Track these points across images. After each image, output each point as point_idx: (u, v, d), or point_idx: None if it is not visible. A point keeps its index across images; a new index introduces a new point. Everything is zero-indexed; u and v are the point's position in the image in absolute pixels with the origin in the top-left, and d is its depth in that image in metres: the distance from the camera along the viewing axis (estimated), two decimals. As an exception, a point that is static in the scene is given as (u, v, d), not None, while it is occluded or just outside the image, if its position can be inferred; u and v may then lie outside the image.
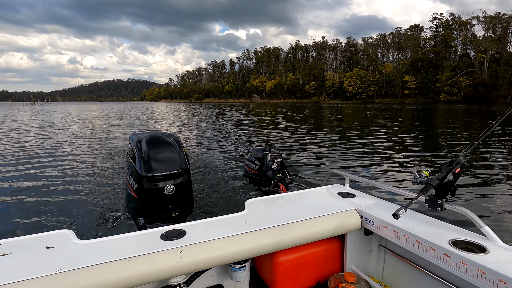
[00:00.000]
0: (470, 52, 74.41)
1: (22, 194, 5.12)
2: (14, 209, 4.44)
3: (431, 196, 1.36)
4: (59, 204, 4.60)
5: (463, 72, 65.51)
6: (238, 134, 13.84)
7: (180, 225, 1.41)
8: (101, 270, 1.06)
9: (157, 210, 2.18)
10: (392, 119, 22.38)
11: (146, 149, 2.23)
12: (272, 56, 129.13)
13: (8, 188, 5.47)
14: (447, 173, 1.35)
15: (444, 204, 1.33)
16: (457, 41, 78.70)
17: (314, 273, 1.71)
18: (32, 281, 0.98)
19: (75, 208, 4.38)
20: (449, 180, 1.34)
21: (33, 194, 5.11)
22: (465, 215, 1.25)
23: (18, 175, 6.37)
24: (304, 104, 70.07)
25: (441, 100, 65.32)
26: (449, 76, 66.41)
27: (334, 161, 7.75)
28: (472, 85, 61.26)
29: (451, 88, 64.85)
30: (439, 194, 1.34)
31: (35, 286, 0.97)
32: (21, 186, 5.57)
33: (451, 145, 10.16)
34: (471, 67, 66.95)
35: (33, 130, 16.80)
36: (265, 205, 1.71)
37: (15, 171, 6.78)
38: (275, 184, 3.06)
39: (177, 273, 1.18)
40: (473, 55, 71.80)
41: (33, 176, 6.26)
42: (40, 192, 5.23)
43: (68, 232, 1.33)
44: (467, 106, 45.51)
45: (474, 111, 33.44)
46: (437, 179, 1.34)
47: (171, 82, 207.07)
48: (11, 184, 5.72)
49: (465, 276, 1.10)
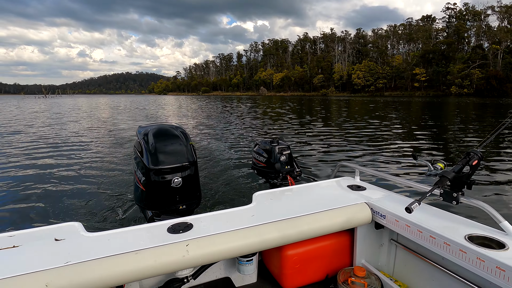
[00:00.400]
0: (484, 43, 72.27)
1: (33, 186, 5.22)
2: (25, 201, 4.54)
3: (446, 189, 1.31)
4: (68, 196, 4.68)
5: (476, 64, 63.82)
6: (246, 127, 13.78)
7: (187, 218, 1.42)
8: (109, 263, 1.08)
9: (164, 203, 2.19)
10: (403, 112, 21.92)
11: (153, 142, 2.22)
12: (280, 48, 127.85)
13: (20, 180, 5.60)
14: (463, 165, 1.29)
15: (460, 197, 1.27)
16: (471, 32, 76.46)
17: (323, 267, 1.69)
18: (41, 273, 1.00)
19: (84, 201, 4.45)
20: (465, 172, 1.28)
21: (43, 186, 5.21)
22: (482, 209, 1.20)
23: (30, 167, 6.53)
24: (312, 97, 69.45)
25: (452, 93, 63.97)
26: (461, 68, 64.79)
27: (344, 153, 7.63)
28: (485, 78, 59.65)
29: (462, 81, 63.36)
30: (455, 187, 1.28)
31: (44, 278, 0.99)
32: (32, 178, 5.71)
33: (465, 138, 9.86)
34: (484, 59, 65.13)
35: (47, 122, 17.28)
36: (273, 198, 1.69)
37: (28, 163, 6.95)
38: (283, 177, 3.00)
39: (183, 266, 1.18)
40: (487, 47, 69.74)
41: (44, 168, 6.40)
42: (50, 184, 5.33)
43: (76, 224, 1.35)
44: (479, 99, 44.37)
45: (487, 104, 32.23)
46: (453, 171, 1.28)
47: (178, 75, 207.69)
48: (23, 176, 5.86)
49: (482, 273, 1.06)
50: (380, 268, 1.70)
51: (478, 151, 1.32)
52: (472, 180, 1.27)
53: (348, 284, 1.48)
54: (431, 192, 1.30)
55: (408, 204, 1.22)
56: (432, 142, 9.16)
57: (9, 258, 1.08)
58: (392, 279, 1.59)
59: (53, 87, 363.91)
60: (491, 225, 1.26)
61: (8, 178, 5.72)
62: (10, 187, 5.20)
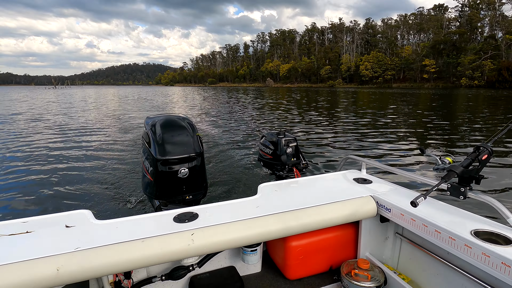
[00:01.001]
0: (498, 33, 70.20)
1: (45, 175, 5.40)
2: (38, 189, 4.71)
3: (454, 184, 1.29)
4: (79, 185, 4.83)
5: (488, 55, 62.23)
6: (252, 119, 13.80)
7: (193, 208, 1.44)
8: (116, 250, 1.12)
9: (171, 193, 2.22)
10: (411, 104, 21.63)
11: (161, 133, 2.24)
12: (287, 39, 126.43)
13: (33, 169, 5.78)
14: (472, 160, 1.27)
15: (467, 192, 1.25)
16: (484, 22, 74.26)
17: (327, 258, 1.71)
18: (52, 257, 1.05)
19: (94, 189, 4.59)
20: (474, 167, 1.27)
21: (56, 175, 5.37)
22: (490, 204, 1.19)
23: (44, 157, 6.72)
24: (319, 89, 68.71)
25: (462, 85, 62.73)
26: (472, 59, 63.29)
27: (351, 146, 7.60)
28: (497, 69, 58.28)
29: (473, 72, 61.99)
30: (463, 182, 1.26)
31: (55, 262, 1.04)
32: (45, 167, 5.91)
33: (474, 132, 9.68)
34: (496, 50, 63.44)
35: (59, 112, 17.83)
36: (278, 190, 1.70)
37: (42, 153, 7.13)
38: (289, 169, 2.99)
39: (188, 255, 1.22)
40: (500, 37, 67.79)
41: (56, 157, 6.63)
42: (61, 173, 5.50)
43: (86, 212, 1.39)
44: (490, 91, 43.32)
45: (499, 96, 31.37)
46: (461, 166, 1.26)
47: (185, 66, 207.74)
48: (36, 165, 6.04)
49: (487, 268, 1.05)
50: (384, 261, 1.70)
51: (488, 145, 1.29)
52: (481, 175, 1.25)
53: (351, 276, 1.49)
54: (438, 187, 1.28)
55: (414, 198, 1.20)
56: (441, 136, 9.03)
57: (22, 242, 1.14)
58: (396, 272, 1.59)
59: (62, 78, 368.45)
60: (499, 221, 1.24)
61: (22, 167, 5.99)
62: (24, 175, 5.45)
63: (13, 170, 5.77)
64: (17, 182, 5.11)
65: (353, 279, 1.47)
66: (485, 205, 1.22)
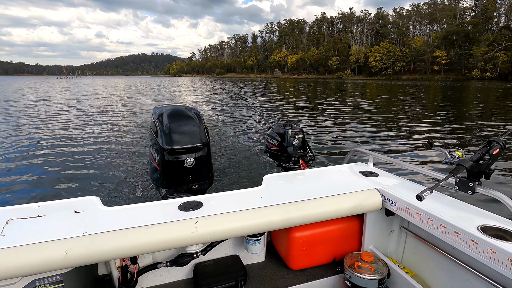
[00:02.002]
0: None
1: (56, 162, 5.57)
2: (49, 176, 4.85)
3: (463, 178, 1.26)
4: (88, 172, 4.99)
5: (502, 46, 60.60)
6: (259, 110, 13.75)
7: (198, 197, 1.47)
8: (122, 235, 1.15)
9: (177, 182, 2.25)
10: (421, 96, 21.32)
11: (168, 122, 2.26)
12: (296, 29, 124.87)
13: (44, 156, 5.93)
14: (483, 154, 1.25)
15: (476, 187, 1.23)
16: (500, 12, 71.88)
17: (331, 250, 1.71)
18: (61, 241, 1.09)
19: (103, 177, 4.71)
20: (484, 161, 1.24)
21: (66, 162, 5.54)
22: (499, 200, 1.17)
23: (55, 145, 6.84)
24: (327, 80, 68.08)
25: (474, 77, 61.47)
26: (485, 50, 61.74)
27: (359, 139, 7.55)
28: (510, 61, 56.85)
29: (485, 64, 60.61)
30: (472, 177, 1.24)
31: (64, 246, 1.08)
32: (56, 154, 6.08)
33: (485, 126, 9.36)
34: (510, 41, 61.67)
35: (72, 101, 18.36)
36: (282, 181, 1.70)
37: (54, 140, 7.33)
38: (295, 161, 2.97)
39: (192, 242, 1.24)
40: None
41: (67, 146, 6.79)
42: (71, 160, 5.66)
43: (94, 198, 1.43)
44: (502, 84, 42.05)
45: (510, 88, 30.55)
46: (471, 160, 1.24)
47: (193, 56, 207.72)
48: (47, 153, 6.18)
49: (493, 264, 1.05)
50: (388, 254, 1.70)
51: (500, 139, 1.26)
52: (491, 170, 1.23)
53: (354, 268, 1.48)
54: (445, 181, 1.27)
55: (420, 192, 1.19)
56: (451, 129, 8.85)
57: (33, 226, 1.19)
58: (400, 265, 1.59)
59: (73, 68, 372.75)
60: (508, 216, 1.21)
61: (35, 154, 6.19)
62: (37, 162, 5.64)
63: (26, 156, 6.01)
64: (29, 168, 5.31)
65: (356, 271, 1.47)
66: (494, 201, 1.20)
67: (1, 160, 5.78)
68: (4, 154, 6.20)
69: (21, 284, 1.15)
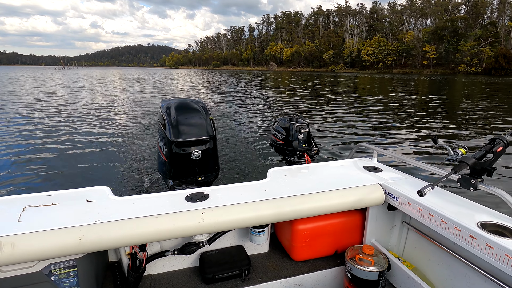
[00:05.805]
0: (504, 20, 69.84)
1: (69, 153, 5.79)
2: (63, 166, 5.04)
3: (465, 175, 1.27)
4: (100, 163, 5.15)
5: (487, 42, 62.92)
6: (264, 104, 13.83)
7: (204, 188, 1.52)
8: (132, 224, 1.21)
9: (184, 174, 2.29)
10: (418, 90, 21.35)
11: (175, 115, 2.31)
12: (292, 21, 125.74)
13: (57, 148, 6.14)
14: (486, 152, 1.25)
15: (478, 184, 1.23)
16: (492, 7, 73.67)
17: (333, 243, 1.75)
18: (75, 228, 1.16)
19: (113, 168, 4.86)
20: (487, 159, 1.24)
21: (79, 154, 5.76)
22: (500, 197, 1.18)
23: (68, 139, 6.97)
24: (321, 73, 68.86)
25: (460, 72, 63.81)
26: (472, 46, 64.06)
27: (364, 134, 7.65)
28: (494, 56, 59.18)
29: (471, 59, 62.93)
30: (474, 174, 1.24)
31: (78, 233, 1.14)
32: (69, 146, 6.31)
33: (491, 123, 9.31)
34: (497, 37, 63.94)
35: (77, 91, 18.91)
36: (287, 175, 1.73)
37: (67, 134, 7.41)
38: (300, 155, 3.00)
39: (199, 232, 1.29)
40: (505, 23, 67.77)
41: (80, 138, 6.99)
42: (84, 151, 5.89)
43: (105, 188, 1.49)
44: (486, 78, 43.07)
45: (492, 83, 31.09)
46: (474, 157, 1.24)
47: (190, 48, 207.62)
48: (60, 144, 6.40)
49: (491, 259, 1.06)
50: (389, 248, 1.74)
51: (504, 137, 1.27)
52: (493, 167, 1.23)
53: (355, 261, 1.50)
54: (447, 177, 1.27)
55: (421, 188, 1.19)
56: (456, 126, 8.87)
57: (48, 214, 1.25)
58: (401, 259, 1.62)
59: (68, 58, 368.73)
60: (509, 213, 1.23)
61: (49, 145, 6.41)
62: (50, 153, 5.84)
63: (40, 149, 6.16)
64: (43, 158, 5.50)
65: (357, 264, 1.49)
66: (495, 197, 1.21)
67: (17, 151, 6.02)
68: (20, 146, 6.43)
69: (37, 267, 1.23)
